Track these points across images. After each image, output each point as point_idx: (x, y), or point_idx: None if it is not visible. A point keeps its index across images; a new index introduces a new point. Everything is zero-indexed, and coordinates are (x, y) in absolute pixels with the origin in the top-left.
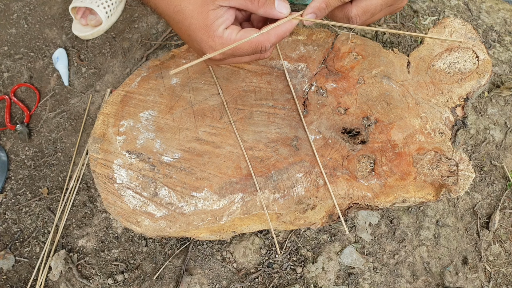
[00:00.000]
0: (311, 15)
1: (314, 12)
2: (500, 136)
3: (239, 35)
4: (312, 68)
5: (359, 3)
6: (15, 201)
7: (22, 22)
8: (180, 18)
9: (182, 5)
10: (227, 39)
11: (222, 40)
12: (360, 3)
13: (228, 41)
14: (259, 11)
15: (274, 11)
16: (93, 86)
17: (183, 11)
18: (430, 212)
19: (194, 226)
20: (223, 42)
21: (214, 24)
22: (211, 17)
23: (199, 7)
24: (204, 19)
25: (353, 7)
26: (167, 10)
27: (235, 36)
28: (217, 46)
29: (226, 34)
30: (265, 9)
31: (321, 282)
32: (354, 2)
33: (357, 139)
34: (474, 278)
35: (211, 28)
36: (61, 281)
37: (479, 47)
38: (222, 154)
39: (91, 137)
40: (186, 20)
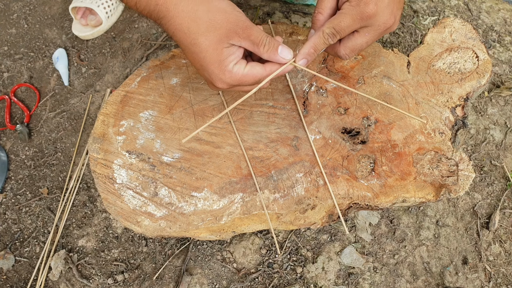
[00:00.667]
0: (303, 61)
1: (305, 57)
2: (500, 136)
3: (246, 69)
4: (312, 68)
5: (345, 43)
6: (15, 201)
7: (22, 22)
8: (196, 50)
9: (200, 39)
10: (235, 73)
11: (231, 74)
12: (347, 44)
13: (236, 75)
14: (264, 56)
15: (277, 56)
16: (93, 86)
17: (200, 45)
18: (430, 212)
19: (194, 226)
20: (232, 76)
21: (226, 60)
22: (224, 54)
23: (215, 43)
24: (218, 55)
25: (340, 47)
26: (184, 41)
27: (243, 71)
28: (226, 79)
29: (235, 69)
30: (269, 54)
31: (321, 282)
32: (341, 43)
33: (357, 139)
34: (474, 278)
35: (223, 63)
36: (61, 281)
37: (479, 47)
38: (222, 154)
39: (91, 137)
40: (201, 53)
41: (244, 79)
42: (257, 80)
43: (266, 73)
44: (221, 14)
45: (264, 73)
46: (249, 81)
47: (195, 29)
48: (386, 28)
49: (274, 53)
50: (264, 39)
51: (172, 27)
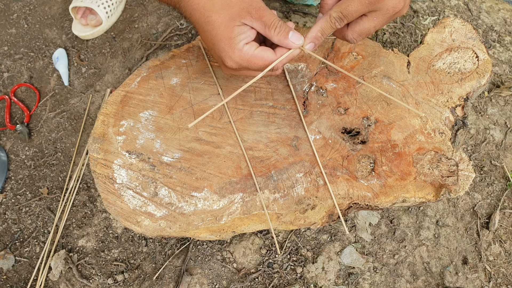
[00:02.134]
0: (310, 45)
1: (312, 41)
2: (500, 136)
3: (256, 51)
4: (312, 68)
5: (353, 27)
6: (15, 201)
7: (22, 22)
8: (209, 28)
9: (213, 17)
10: (245, 53)
11: (241, 53)
12: (354, 28)
13: (246, 54)
14: (274, 39)
15: (287, 40)
16: (93, 86)
17: (213, 22)
18: (430, 212)
19: (194, 226)
20: (241, 55)
21: (237, 38)
22: (235, 32)
23: (227, 21)
24: (229, 32)
25: (348, 31)
26: (199, 20)
27: (253, 51)
28: (235, 57)
29: (245, 48)
30: (279, 37)
31: (321, 282)
32: (349, 27)
33: (357, 139)
34: (474, 278)
35: (233, 40)
36: (61, 281)
37: (479, 47)
38: (222, 154)
39: (91, 137)
40: (213, 30)
41: (253, 60)
42: (266, 64)
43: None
44: None
45: (274, 58)
46: (258, 63)
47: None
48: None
49: (285, 36)
50: (276, 22)
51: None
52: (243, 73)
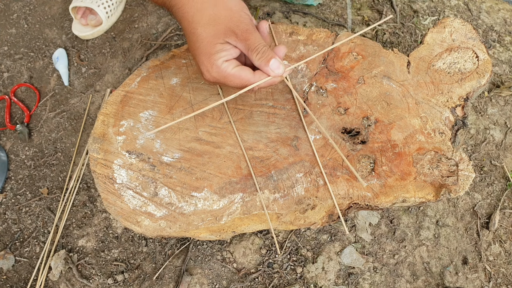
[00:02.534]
0: None
1: None
2: (500, 136)
3: (234, 69)
4: (312, 68)
5: None
6: (15, 201)
7: (22, 22)
8: (193, 39)
9: (199, 30)
10: (223, 70)
11: (218, 69)
12: None
13: (223, 71)
14: (255, 63)
15: (267, 67)
16: (93, 86)
17: (198, 35)
18: (430, 212)
19: (194, 226)
20: (219, 71)
21: (217, 55)
22: (216, 48)
23: (210, 37)
24: (211, 48)
25: None
26: (186, 29)
27: (231, 69)
28: (213, 73)
29: (223, 65)
30: (259, 63)
31: (321, 282)
32: None
33: (357, 139)
34: (474, 278)
35: (213, 57)
36: (61, 281)
37: (479, 47)
38: (222, 154)
39: (91, 137)
40: (197, 43)
41: (230, 78)
42: (243, 84)
43: (254, 79)
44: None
45: (252, 79)
46: (234, 82)
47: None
48: None
49: (265, 63)
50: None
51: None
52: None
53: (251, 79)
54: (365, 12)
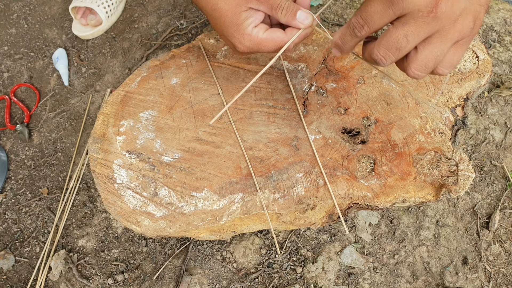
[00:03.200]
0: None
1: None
2: (500, 136)
3: (266, 34)
4: (312, 68)
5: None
6: (15, 201)
7: (22, 22)
8: (216, 15)
9: (219, 4)
10: (254, 37)
11: (250, 37)
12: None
13: (255, 38)
14: (282, 21)
15: (295, 21)
16: (93, 86)
17: (220, 10)
18: (430, 212)
19: (194, 226)
20: (251, 39)
21: (244, 23)
22: (242, 17)
23: (233, 7)
24: (237, 19)
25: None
26: (206, 7)
27: (261, 34)
28: (245, 42)
29: (254, 32)
30: (286, 19)
31: (321, 282)
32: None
33: (357, 139)
34: (474, 278)
35: (241, 26)
36: (61, 281)
37: (479, 47)
38: (222, 154)
39: (91, 137)
40: (221, 18)
41: (264, 43)
42: (278, 46)
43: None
44: None
45: (285, 38)
46: (269, 46)
47: None
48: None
49: (292, 17)
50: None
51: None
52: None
53: (284, 38)
54: None
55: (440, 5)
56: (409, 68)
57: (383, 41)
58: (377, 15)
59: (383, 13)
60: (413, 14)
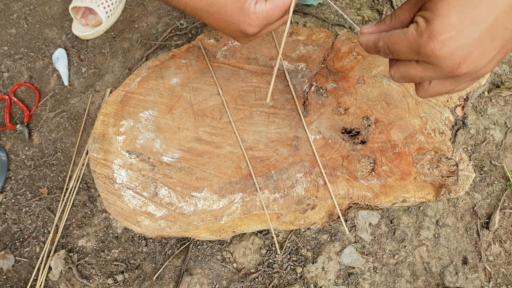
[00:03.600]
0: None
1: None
2: (500, 136)
3: (267, 5)
4: (312, 68)
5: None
6: (15, 201)
7: (22, 22)
8: (214, 8)
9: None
10: (260, 13)
11: (256, 15)
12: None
13: (261, 13)
14: None
15: None
16: (93, 86)
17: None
18: (430, 212)
19: (194, 226)
20: (258, 17)
21: (246, 3)
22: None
23: None
24: (237, 2)
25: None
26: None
27: (266, 7)
28: (254, 22)
29: (258, 8)
30: None
31: (321, 282)
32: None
33: (357, 139)
34: (474, 278)
35: (244, 8)
36: (61, 281)
37: None
38: (222, 154)
39: (91, 137)
40: (221, 9)
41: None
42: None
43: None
44: None
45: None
46: (275, 14)
47: None
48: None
49: None
50: None
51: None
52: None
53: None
54: (365, 12)
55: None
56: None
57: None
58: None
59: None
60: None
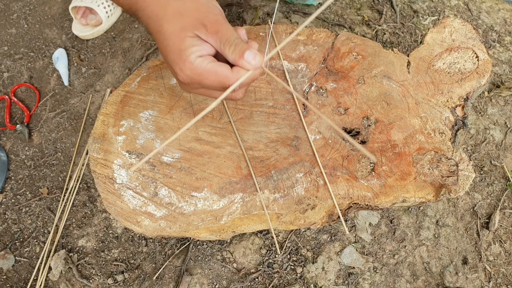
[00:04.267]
0: None
1: None
2: (500, 136)
3: (210, 65)
4: (312, 68)
5: None
6: (15, 201)
7: (22, 22)
8: (160, 37)
9: (164, 26)
10: (196, 66)
11: (191, 65)
12: None
13: (197, 68)
14: (229, 57)
15: (242, 60)
16: (93, 86)
17: (164, 32)
18: (430, 212)
19: (194, 226)
20: (192, 68)
21: (188, 50)
22: (186, 43)
23: (178, 31)
24: (180, 43)
25: None
26: (152, 29)
27: (205, 65)
28: (186, 71)
29: (197, 61)
30: (233, 57)
31: (321, 282)
32: None
33: (357, 139)
34: (474, 278)
35: (184, 52)
36: (61, 281)
37: (479, 47)
38: (222, 154)
39: (91, 137)
40: (165, 41)
41: (205, 74)
42: (220, 81)
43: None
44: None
45: (229, 75)
46: (210, 79)
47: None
48: None
49: (240, 56)
50: (232, 39)
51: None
52: (199, 92)
53: (229, 75)
54: (365, 12)
55: None
56: None
57: None
58: None
59: None
60: None
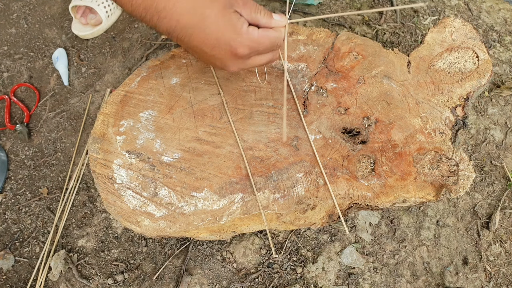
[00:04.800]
0: None
1: None
2: (501, 136)
3: (260, 31)
4: (312, 68)
5: None
6: (15, 201)
7: (22, 22)
8: (206, 24)
9: (207, 12)
10: (252, 34)
11: (249, 35)
12: None
13: (253, 35)
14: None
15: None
16: (93, 86)
17: (209, 17)
18: (430, 212)
19: (194, 226)
20: (249, 37)
21: (239, 22)
22: (234, 18)
23: (222, 10)
24: (230, 20)
25: None
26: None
27: (257, 32)
28: (245, 41)
29: (250, 30)
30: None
31: (321, 282)
32: None
33: (357, 139)
34: (474, 278)
35: (237, 26)
36: (61, 281)
37: (479, 47)
38: (222, 154)
39: (91, 137)
40: (212, 25)
41: (262, 40)
42: (273, 41)
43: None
44: None
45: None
46: (266, 43)
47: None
48: None
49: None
50: (258, 6)
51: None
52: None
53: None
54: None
55: None
56: None
57: None
58: None
59: None
60: None
